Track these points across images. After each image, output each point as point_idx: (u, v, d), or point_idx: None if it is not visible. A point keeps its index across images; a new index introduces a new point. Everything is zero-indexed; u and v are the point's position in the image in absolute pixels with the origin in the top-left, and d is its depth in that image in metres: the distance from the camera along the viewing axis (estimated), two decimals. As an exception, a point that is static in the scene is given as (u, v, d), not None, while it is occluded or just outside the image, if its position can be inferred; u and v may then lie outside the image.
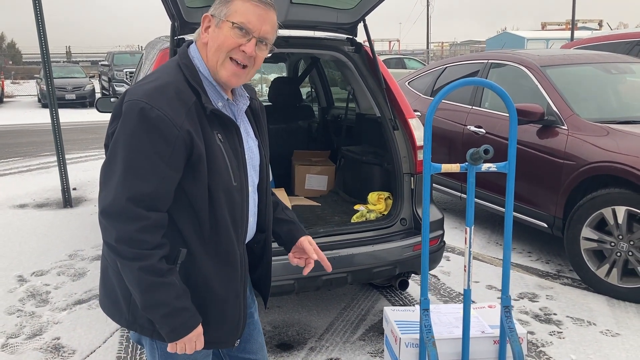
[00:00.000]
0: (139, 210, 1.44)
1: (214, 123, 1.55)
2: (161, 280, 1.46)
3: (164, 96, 1.47)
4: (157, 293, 1.47)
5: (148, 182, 1.44)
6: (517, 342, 2.19)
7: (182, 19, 2.99)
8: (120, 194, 1.43)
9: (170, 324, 1.50)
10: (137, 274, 1.45)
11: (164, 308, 1.48)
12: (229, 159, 1.56)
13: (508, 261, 2.32)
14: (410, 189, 3.31)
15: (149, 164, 1.44)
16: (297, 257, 1.87)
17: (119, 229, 1.44)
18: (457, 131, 5.26)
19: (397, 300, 3.82)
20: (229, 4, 1.55)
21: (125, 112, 1.46)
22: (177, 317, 1.50)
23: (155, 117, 1.43)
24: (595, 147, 3.91)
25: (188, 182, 1.51)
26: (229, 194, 1.56)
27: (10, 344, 3.27)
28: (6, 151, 10.41)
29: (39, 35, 5.99)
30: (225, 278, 1.60)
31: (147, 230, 1.45)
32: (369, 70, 3.50)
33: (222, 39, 1.54)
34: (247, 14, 1.53)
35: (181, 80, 1.54)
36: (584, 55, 5.14)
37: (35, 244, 5.01)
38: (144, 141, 1.43)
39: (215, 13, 1.57)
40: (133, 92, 1.49)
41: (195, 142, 1.48)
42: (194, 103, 1.51)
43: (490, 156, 2.07)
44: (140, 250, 1.44)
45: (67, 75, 20.69)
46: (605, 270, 3.84)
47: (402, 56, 27.90)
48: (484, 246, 4.93)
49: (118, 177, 1.44)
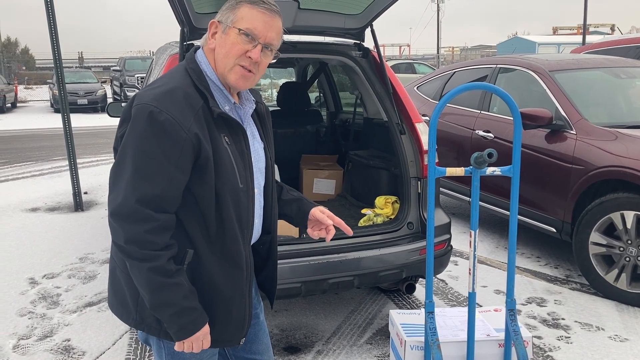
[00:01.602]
0: (148, 212, 1.46)
1: (221, 126, 1.58)
2: (170, 280, 1.49)
3: (172, 100, 1.50)
4: (166, 293, 1.49)
5: (156, 184, 1.47)
6: (522, 346, 2.19)
7: (192, 25, 3.03)
8: (129, 195, 1.46)
9: (179, 323, 1.53)
10: (147, 275, 1.48)
11: (173, 308, 1.51)
12: (235, 161, 1.58)
13: (513, 264, 2.33)
14: (417, 193, 3.31)
15: (158, 167, 1.47)
16: (316, 229, 1.86)
17: (128, 230, 1.47)
18: (466, 136, 5.26)
19: (404, 304, 3.83)
20: (235, 11, 1.58)
21: (134, 116, 1.49)
22: (185, 317, 1.52)
23: (164, 120, 1.46)
24: (603, 152, 3.90)
25: (195, 184, 1.53)
26: (235, 196, 1.58)
27: (22, 345, 3.32)
28: (19, 155, 10.53)
29: (52, 42, 6.07)
30: (231, 278, 1.62)
31: (156, 232, 1.47)
32: (376, 75, 3.52)
33: (229, 46, 1.57)
34: (254, 20, 1.57)
35: (189, 84, 1.57)
36: (593, 60, 5.12)
37: (47, 247, 5.07)
38: (153, 144, 1.46)
39: (222, 19, 1.60)
40: (142, 96, 1.53)
41: (202, 144, 1.50)
42: (202, 107, 1.54)
43: (494, 160, 2.08)
44: (149, 251, 1.47)
45: (79, 80, 20.93)
46: (614, 275, 3.82)
47: (412, 61, 27.91)
48: (492, 251, 4.92)
49: (127, 179, 1.47)
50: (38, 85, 33.55)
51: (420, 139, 3.32)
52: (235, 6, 1.59)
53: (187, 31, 3.06)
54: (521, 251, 4.87)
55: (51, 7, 5.97)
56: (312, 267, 2.95)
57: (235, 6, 1.59)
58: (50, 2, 5.93)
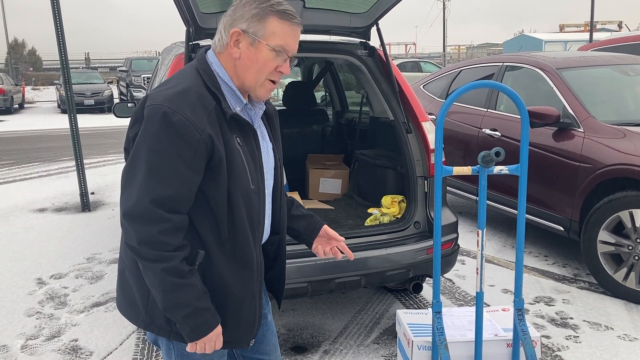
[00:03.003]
0: (161, 213, 1.45)
1: (233, 127, 1.57)
2: (183, 281, 1.48)
3: (185, 101, 1.48)
4: (179, 294, 1.48)
5: (170, 185, 1.46)
6: (530, 346, 2.18)
7: (197, 25, 3.03)
8: (142, 196, 1.45)
9: (192, 324, 1.52)
10: (160, 276, 1.47)
11: (186, 309, 1.50)
12: (247, 162, 1.58)
13: (521, 264, 2.31)
14: (424, 192, 3.30)
15: (171, 167, 1.46)
16: (326, 247, 1.86)
17: (141, 231, 1.46)
18: (473, 134, 5.24)
19: (411, 304, 3.82)
20: (264, 22, 1.53)
21: (148, 117, 1.47)
22: (198, 317, 1.51)
23: (177, 121, 1.45)
24: (611, 150, 3.88)
25: (208, 185, 1.52)
26: (247, 197, 1.57)
27: (30, 345, 3.33)
28: (26, 156, 10.58)
29: (58, 43, 6.10)
30: (241, 279, 1.62)
31: (169, 232, 1.46)
32: (382, 73, 3.51)
33: (262, 63, 1.55)
34: (286, 37, 1.55)
35: (201, 85, 1.55)
36: (601, 57, 5.09)
37: (54, 247, 5.09)
38: (167, 145, 1.45)
39: (248, 30, 1.54)
40: (154, 96, 1.50)
41: (216, 145, 1.49)
42: (214, 108, 1.53)
43: (501, 158, 2.07)
44: (162, 252, 1.46)
45: (86, 81, 21.01)
46: (622, 274, 3.79)
47: (419, 59, 27.85)
48: (500, 250, 4.90)
49: (141, 180, 1.46)
50: (45, 86, 33.68)
51: (427, 138, 3.30)
52: (264, 17, 1.53)
53: (192, 31, 3.06)
54: (529, 250, 4.85)
55: (57, 8, 6.00)
56: (319, 267, 2.95)
57: (264, 17, 1.53)
58: (56, 3, 5.96)
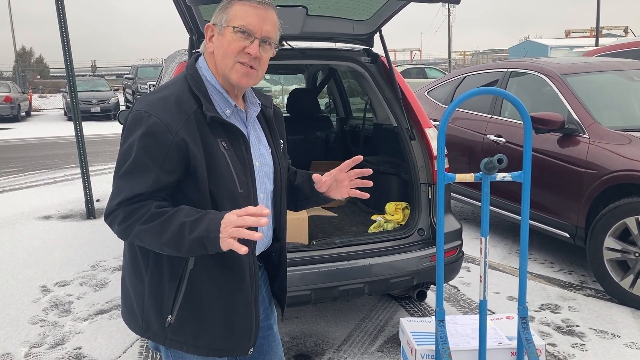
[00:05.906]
0: (127, 209, 1.49)
1: (217, 130, 1.56)
2: (165, 217, 1.45)
3: (163, 105, 1.52)
4: (170, 226, 1.44)
5: (141, 185, 1.48)
6: (535, 354, 2.15)
7: (200, 33, 3.04)
8: (112, 199, 1.52)
9: (202, 233, 1.41)
10: (147, 229, 1.46)
11: (185, 230, 1.43)
12: (233, 166, 1.56)
13: (525, 271, 2.29)
14: (428, 199, 3.29)
15: (143, 167, 1.48)
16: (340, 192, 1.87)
17: (117, 229, 1.53)
18: (477, 140, 5.23)
19: (415, 312, 3.79)
20: (227, 10, 1.59)
21: (128, 123, 1.54)
22: (200, 224, 1.43)
23: (152, 123, 1.48)
24: (617, 156, 3.85)
25: (190, 189, 1.53)
26: (234, 202, 1.54)
27: (34, 353, 3.33)
28: (33, 163, 10.63)
29: (64, 51, 6.13)
30: (233, 287, 1.60)
31: (142, 208, 1.49)
32: (385, 80, 3.51)
33: (226, 45, 1.57)
34: (247, 16, 1.56)
35: (184, 90, 1.57)
36: (606, 63, 5.07)
37: (59, 255, 5.10)
38: (139, 146, 1.48)
39: (216, 21, 1.62)
40: (138, 103, 1.56)
41: (191, 150, 1.49)
42: (195, 111, 1.54)
43: (504, 165, 2.05)
44: (135, 216, 1.48)
45: (92, 88, 21.11)
46: (629, 281, 3.76)
47: (424, 66, 27.80)
48: (505, 256, 4.87)
49: (116, 183, 1.52)
50: (52, 93, 33.84)
51: (430, 145, 3.29)
52: (227, 6, 1.60)
53: (196, 39, 3.07)
54: (534, 257, 4.82)
55: (63, 17, 6.03)
56: (322, 274, 2.94)
57: (227, 6, 1.60)
58: (62, 11, 6.00)
